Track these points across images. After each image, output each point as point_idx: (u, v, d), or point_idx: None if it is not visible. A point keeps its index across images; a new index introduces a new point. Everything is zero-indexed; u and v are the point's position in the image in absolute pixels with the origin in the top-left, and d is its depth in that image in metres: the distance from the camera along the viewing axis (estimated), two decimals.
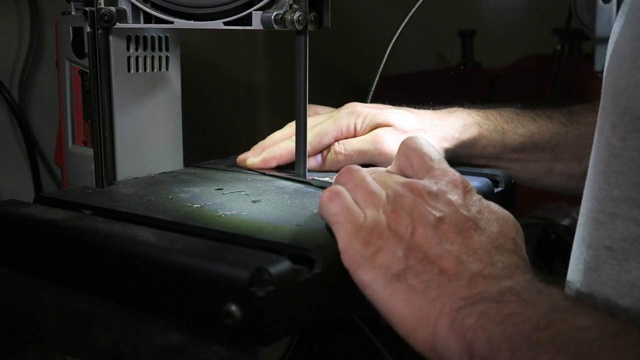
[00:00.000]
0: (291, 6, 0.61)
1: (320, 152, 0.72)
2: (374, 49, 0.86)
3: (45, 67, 0.92)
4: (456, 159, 0.73)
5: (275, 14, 0.60)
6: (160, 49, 0.70)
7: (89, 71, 0.64)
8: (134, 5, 0.64)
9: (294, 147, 0.69)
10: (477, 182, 0.66)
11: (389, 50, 0.82)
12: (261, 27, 0.61)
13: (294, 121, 0.70)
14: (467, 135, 0.72)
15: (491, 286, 0.43)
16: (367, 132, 0.71)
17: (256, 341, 0.43)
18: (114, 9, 0.63)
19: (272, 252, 0.46)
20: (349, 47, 1.38)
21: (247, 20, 0.61)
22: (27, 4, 0.90)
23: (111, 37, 0.65)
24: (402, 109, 0.73)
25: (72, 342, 0.56)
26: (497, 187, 0.68)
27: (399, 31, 0.82)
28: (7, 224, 0.57)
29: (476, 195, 0.52)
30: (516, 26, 1.92)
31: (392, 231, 0.47)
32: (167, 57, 0.71)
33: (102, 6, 0.63)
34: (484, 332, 0.40)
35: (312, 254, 0.46)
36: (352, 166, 0.53)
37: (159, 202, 0.59)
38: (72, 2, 0.69)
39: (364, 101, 0.78)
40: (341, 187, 0.51)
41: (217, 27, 0.62)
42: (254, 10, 0.61)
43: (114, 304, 0.52)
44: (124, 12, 0.64)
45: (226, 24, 0.62)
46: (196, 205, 0.58)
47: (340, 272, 0.47)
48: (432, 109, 0.74)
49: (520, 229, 0.51)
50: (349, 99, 0.75)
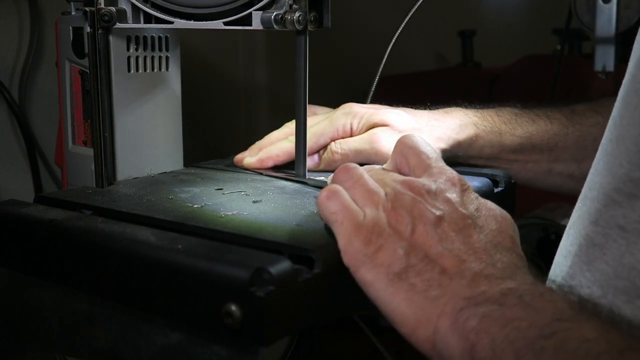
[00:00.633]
0: (291, 6, 0.61)
1: (317, 152, 0.72)
2: (374, 49, 0.86)
3: (45, 67, 0.92)
4: (453, 159, 0.73)
5: (275, 14, 0.60)
6: (160, 49, 0.70)
7: (89, 71, 0.64)
8: (134, 5, 0.64)
9: (291, 147, 0.69)
10: (477, 181, 0.66)
11: (389, 50, 0.82)
12: (261, 27, 0.61)
13: (291, 121, 0.70)
14: (463, 135, 0.72)
15: (493, 286, 0.43)
16: (363, 132, 0.71)
17: (256, 341, 0.43)
18: (114, 9, 0.63)
19: (272, 252, 0.46)
20: (349, 47, 1.38)
21: (247, 20, 0.61)
22: (27, 4, 0.90)
23: (111, 37, 0.65)
24: (399, 108, 0.73)
25: (72, 342, 0.56)
26: (497, 187, 0.68)
27: (399, 31, 0.82)
28: (7, 224, 0.57)
29: (473, 193, 0.52)
30: (516, 26, 1.92)
31: (392, 229, 0.47)
32: (167, 57, 0.71)
33: (102, 6, 0.63)
34: (487, 334, 0.40)
35: (312, 253, 0.46)
36: (349, 164, 0.53)
37: (159, 202, 0.59)
38: (72, 2, 0.69)
39: (364, 101, 0.78)
40: (339, 186, 0.51)
41: (217, 27, 0.62)
42: (254, 10, 0.61)
43: (114, 304, 0.52)
44: (124, 12, 0.64)
45: (226, 24, 0.62)
46: (196, 205, 0.58)
47: (340, 272, 0.46)
48: (429, 109, 0.74)
49: (516, 226, 0.51)
50: (349, 99, 0.74)
